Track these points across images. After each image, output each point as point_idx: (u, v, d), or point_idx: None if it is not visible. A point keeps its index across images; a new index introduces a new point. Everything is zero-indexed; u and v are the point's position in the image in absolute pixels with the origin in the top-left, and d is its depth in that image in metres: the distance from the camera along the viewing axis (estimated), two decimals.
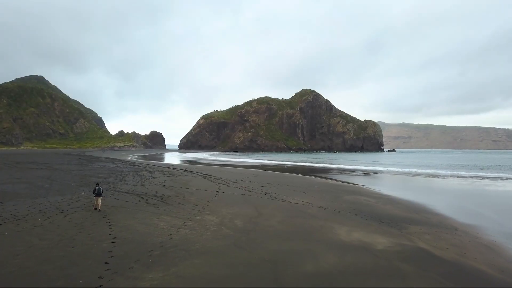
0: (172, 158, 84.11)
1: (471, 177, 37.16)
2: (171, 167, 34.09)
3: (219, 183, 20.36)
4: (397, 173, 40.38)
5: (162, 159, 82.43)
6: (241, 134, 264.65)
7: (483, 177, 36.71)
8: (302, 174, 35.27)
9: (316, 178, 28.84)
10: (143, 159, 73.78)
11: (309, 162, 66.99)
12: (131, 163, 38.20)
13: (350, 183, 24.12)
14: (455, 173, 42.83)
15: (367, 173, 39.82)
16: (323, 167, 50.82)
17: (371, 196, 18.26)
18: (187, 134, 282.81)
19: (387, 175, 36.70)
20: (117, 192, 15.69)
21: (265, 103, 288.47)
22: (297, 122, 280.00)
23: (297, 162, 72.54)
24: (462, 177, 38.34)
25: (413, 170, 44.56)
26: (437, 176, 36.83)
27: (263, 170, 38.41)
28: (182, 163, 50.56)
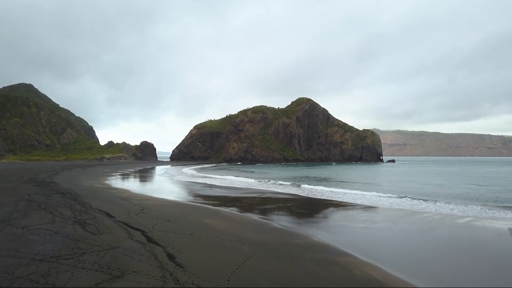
0: (156, 180, 76.01)
1: None
2: (134, 224, 26.14)
3: None
4: (421, 215, 32.73)
5: (146, 179, 74.32)
6: (235, 145, 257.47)
7: None
8: (302, 224, 27.70)
9: (325, 256, 21.33)
10: (121, 181, 65.78)
11: (306, 187, 59.65)
12: (90, 217, 30.17)
13: (376, 279, 16.64)
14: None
15: (377, 217, 32.20)
16: (323, 202, 43.40)
17: None
18: (179, 144, 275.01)
19: (407, 225, 29.11)
20: None
21: (260, 112, 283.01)
22: (294, 132, 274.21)
23: (295, 186, 65.28)
24: None
25: (441, 210, 36.89)
26: (485, 220, 27.69)
27: (260, 219, 30.64)
28: (159, 203, 42.87)
